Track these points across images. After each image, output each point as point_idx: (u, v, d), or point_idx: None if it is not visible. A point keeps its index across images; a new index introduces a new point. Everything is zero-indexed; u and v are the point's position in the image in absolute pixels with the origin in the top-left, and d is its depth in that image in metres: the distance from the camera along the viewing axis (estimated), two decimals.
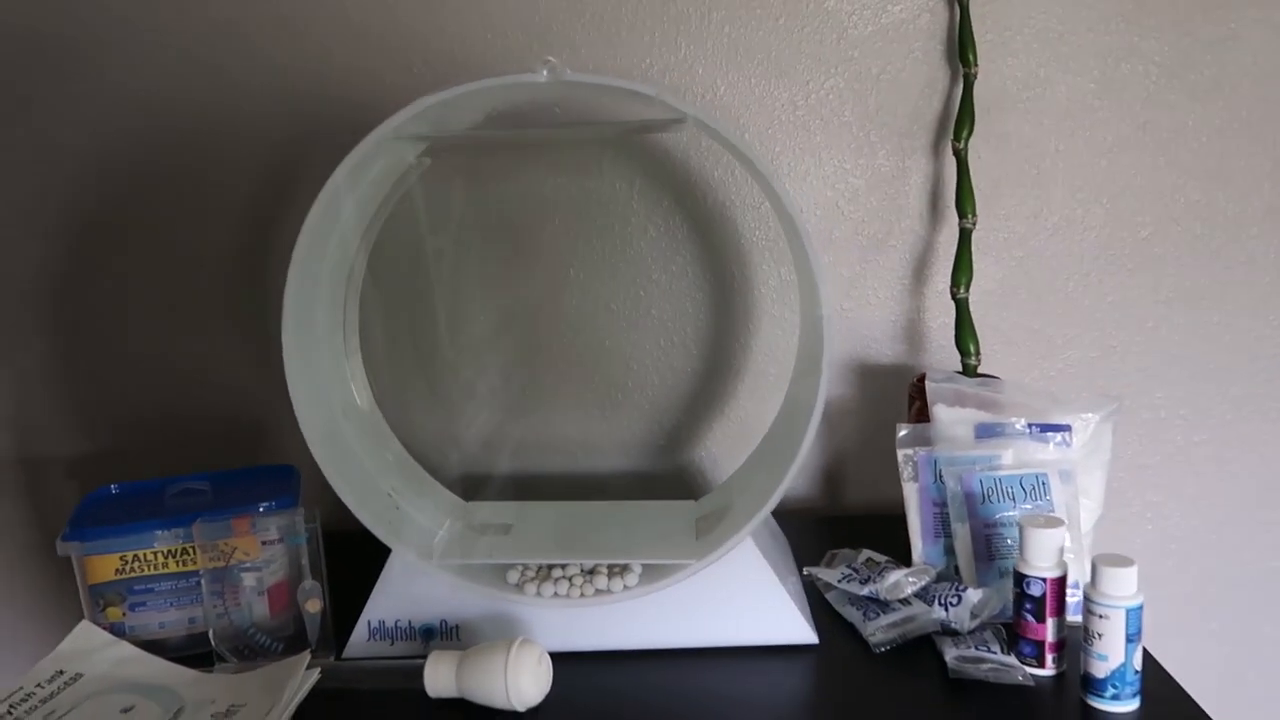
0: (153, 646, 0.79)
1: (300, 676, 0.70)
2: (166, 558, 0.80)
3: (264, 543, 0.78)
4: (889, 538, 0.93)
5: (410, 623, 0.77)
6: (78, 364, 1.04)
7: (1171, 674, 0.71)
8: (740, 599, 0.75)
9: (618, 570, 0.77)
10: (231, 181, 1.00)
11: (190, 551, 0.80)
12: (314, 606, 0.78)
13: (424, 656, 0.71)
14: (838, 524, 1.00)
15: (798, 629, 0.76)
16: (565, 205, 0.99)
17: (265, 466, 0.91)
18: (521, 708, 0.68)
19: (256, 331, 1.03)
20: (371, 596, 0.77)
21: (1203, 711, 0.65)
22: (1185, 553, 1.07)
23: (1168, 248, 1.01)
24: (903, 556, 0.85)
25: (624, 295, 1.02)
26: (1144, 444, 1.05)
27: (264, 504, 0.81)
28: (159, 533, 0.79)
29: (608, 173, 0.99)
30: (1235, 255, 1.01)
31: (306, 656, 0.73)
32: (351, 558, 0.79)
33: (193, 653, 0.80)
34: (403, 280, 1.00)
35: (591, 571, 0.77)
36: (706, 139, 0.98)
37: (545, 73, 0.68)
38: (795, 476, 0.74)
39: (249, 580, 0.79)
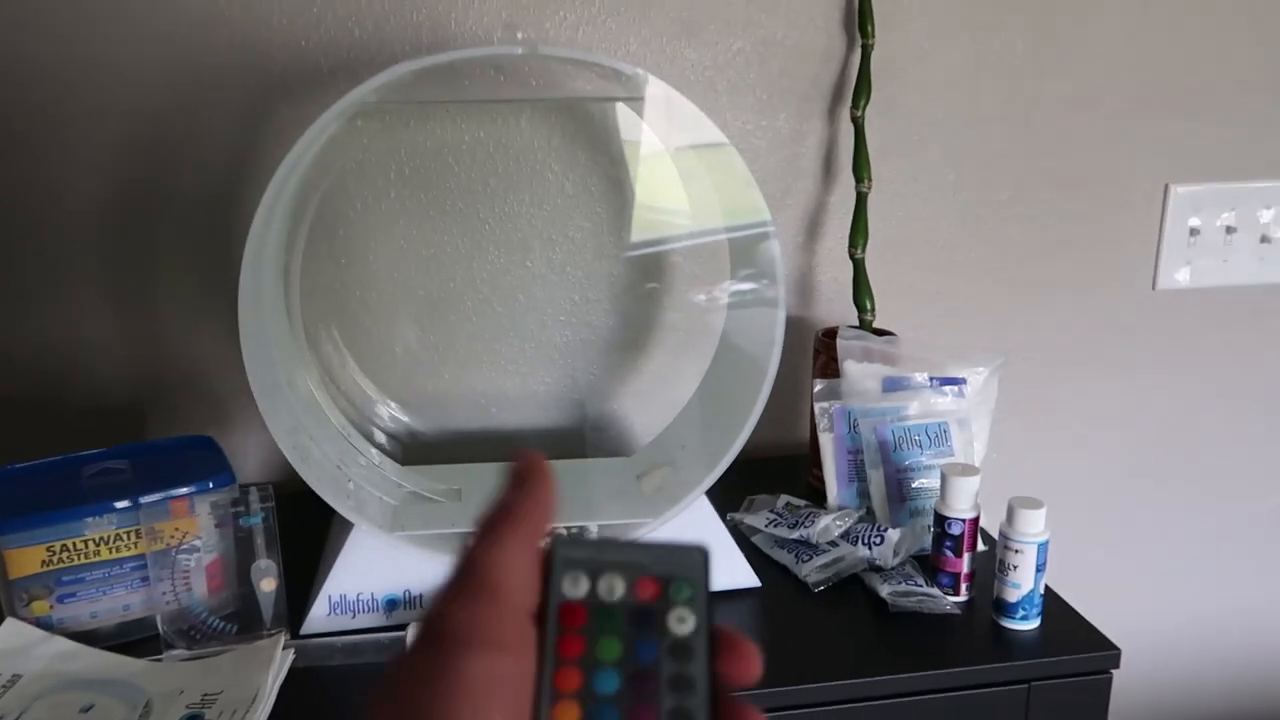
0: (84, 638, 0.76)
1: (279, 657, 0.70)
2: (98, 545, 0.76)
3: (214, 524, 0.76)
4: (792, 477, 1.01)
5: (373, 595, 0.77)
6: None
7: (1055, 590, 0.83)
8: None
9: (574, 531, 0.80)
10: (109, 142, 0.92)
11: (124, 537, 0.76)
12: (269, 585, 0.76)
13: (387, 629, 0.72)
14: (743, 466, 1.07)
15: (743, 574, 0.82)
16: (482, 160, 0.98)
17: (181, 438, 0.87)
18: None
19: (140, 304, 0.96)
20: (332, 571, 0.77)
21: (1088, 622, 0.78)
22: (1033, 476, 1.22)
23: (1025, 208, 1.13)
24: (813, 497, 0.93)
25: (539, 251, 1.02)
26: (1004, 386, 1.18)
27: (200, 481, 0.78)
28: (89, 520, 0.75)
29: (525, 129, 0.98)
30: (1082, 214, 1.14)
31: (281, 637, 0.72)
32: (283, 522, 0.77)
33: (125, 641, 0.77)
34: (321, 239, 0.96)
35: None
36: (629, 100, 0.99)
37: (521, 49, 0.67)
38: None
39: (190, 562, 0.76)
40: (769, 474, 1.02)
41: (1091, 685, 0.74)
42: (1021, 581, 0.76)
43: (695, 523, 0.81)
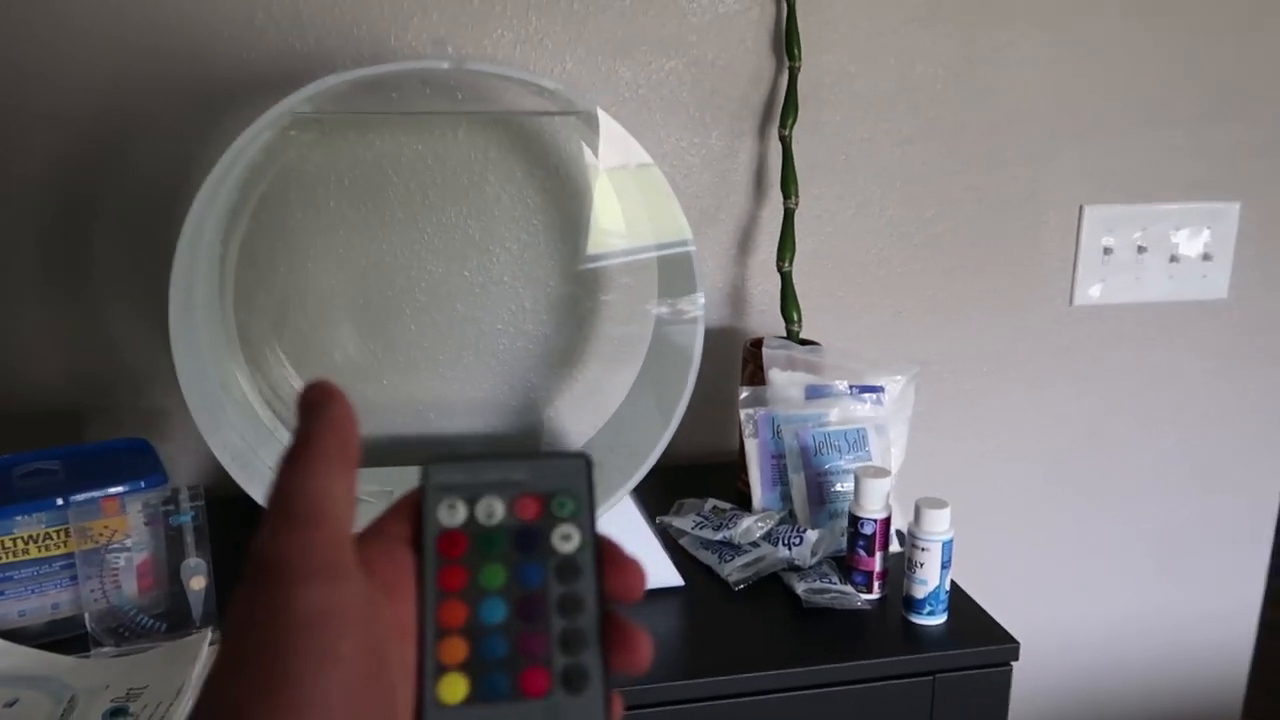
0: (12, 635, 0.76)
1: (205, 653, 0.71)
2: (27, 543, 0.76)
3: (144, 523, 0.77)
4: (722, 483, 1.04)
5: None
6: None
7: (964, 589, 0.87)
8: None
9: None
10: (48, 147, 0.93)
11: (54, 535, 0.77)
12: (198, 584, 0.78)
13: None
14: (676, 472, 1.11)
15: (667, 573, 0.85)
16: (421, 172, 1.01)
17: (116, 441, 0.88)
18: None
19: (81, 309, 0.97)
20: None
21: (990, 618, 0.82)
22: (955, 483, 1.27)
23: (948, 226, 1.18)
24: (740, 501, 0.97)
25: (476, 261, 1.05)
26: (923, 392, 1.23)
27: (133, 481, 0.79)
28: (19, 518, 0.76)
29: (463, 142, 1.01)
30: (1002, 232, 1.19)
31: (207, 635, 0.74)
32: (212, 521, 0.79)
33: (54, 639, 0.78)
34: (260, 246, 0.98)
35: None
36: (560, 115, 1.02)
37: (447, 64, 0.70)
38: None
39: (120, 561, 0.77)
40: (700, 479, 1.06)
41: (993, 678, 0.78)
42: (928, 578, 0.79)
43: (620, 526, 0.84)
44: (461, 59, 0.70)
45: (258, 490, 0.75)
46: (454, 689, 0.30)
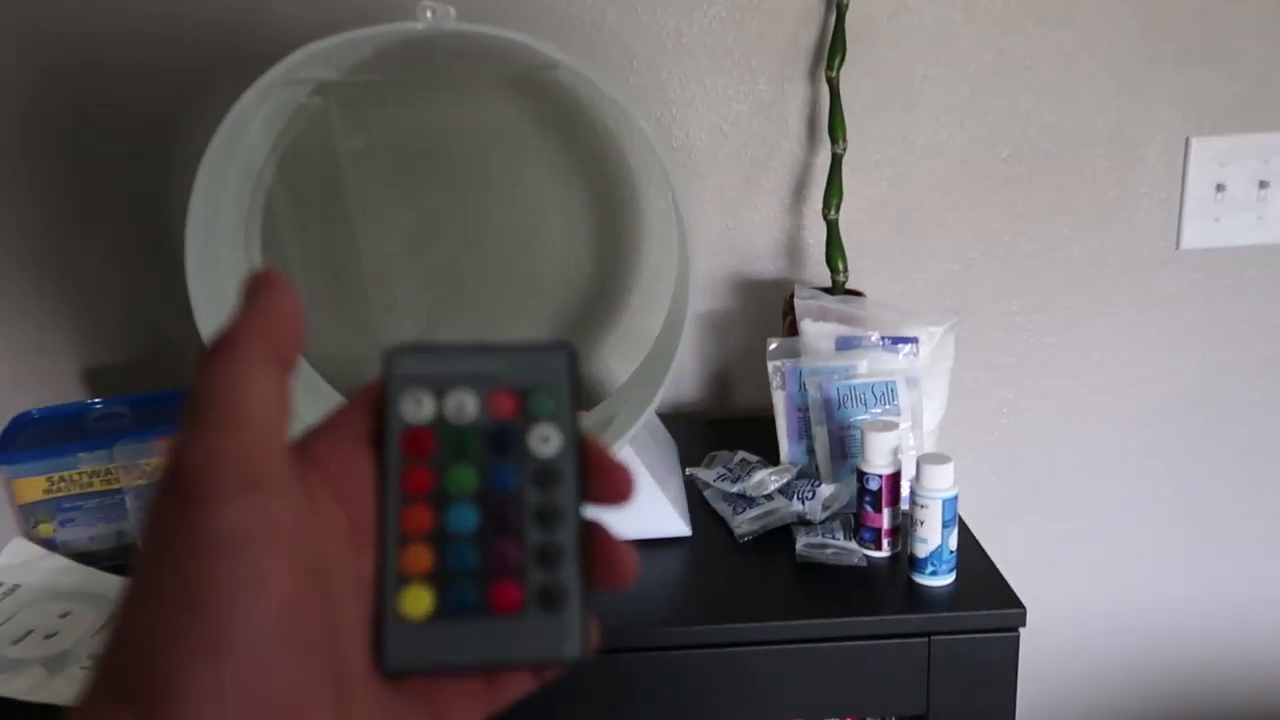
0: (85, 558, 0.86)
1: None
2: (91, 477, 0.86)
3: None
4: (765, 439, 1.02)
5: None
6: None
7: (988, 550, 0.82)
8: None
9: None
10: (124, 113, 1.03)
11: (114, 471, 0.86)
12: None
13: None
14: (723, 425, 1.10)
15: (673, 524, 0.85)
16: (463, 134, 1.04)
17: (187, 389, 0.97)
18: None
19: (167, 255, 1.07)
20: None
21: (1004, 580, 0.77)
22: (1036, 442, 1.19)
23: (1024, 167, 1.10)
24: (773, 456, 0.95)
25: (520, 218, 1.07)
26: (1001, 346, 1.16)
27: None
28: (82, 455, 0.85)
29: (501, 104, 1.03)
30: (1082, 173, 1.10)
31: None
32: None
33: (122, 562, 0.87)
34: (305, 208, 1.04)
35: None
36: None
37: (422, 26, 0.72)
38: (673, 388, 0.82)
39: None
40: (743, 433, 1.04)
41: (995, 644, 0.73)
42: (928, 536, 0.75)
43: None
44: (442, 18, 0.71)
45: None
46: (418, 602, 0.27)
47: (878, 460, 0.79)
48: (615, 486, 0.29)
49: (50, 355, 1.09)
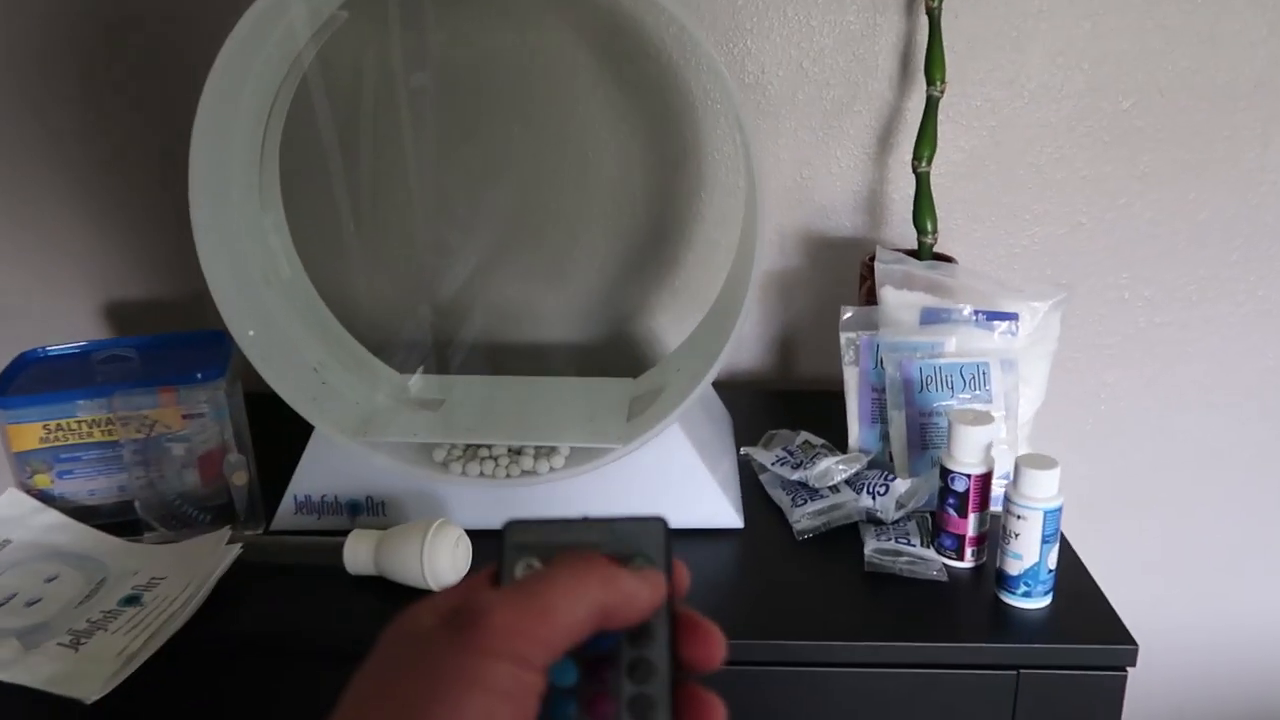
0: (84, 513, 0.80)
1: (219, 554, 0.70)
2: (91, 427, 0.79)
3: (187, 415, 0.77)
4: (832, 417, 0.91)
5: (336, 498, 0.76)
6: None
7: (1087, 565, 0.71)
8: (667, 483, 0.75)
9: (545, 451, 0.76)
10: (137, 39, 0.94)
11: (113, 421, 0.79)
12: (240, 479, 0.77)
13: (348, 532, 0.71)
14: (786, 398, 0.99)
15: (724, 513, 0.75)
16: (507, 60, 0.93)
17: (195, 333, 0.89)
18: (437, 587, 0.68)
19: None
20: (297, 471, 0.77)
21: (1110, 608, 0.66)
22: (1135, 432, 1.06)
23: (1149, 119, 0.95)
24: (840, 439, 0.84)
25: (570, 158, 0.97)
26: (1105, 324, 1.02)
27: (192, 373, 0.79)
28: (80, 402, 0.78)
29: (552, 26, 0.92)
30: (1219, 129, 0.95)
31: (226, 533, 0.73)
32: (285, 424, 0.77)
33: (126, 519, 0.80)
34: (329, 140, 0.94)
35: (518, 451, 0.76)
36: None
37: None
38: (733, 356, 0.72)
39: (177, 450, 0.78)
40: (814, 409, 0.93)
41: (1095, 683, 0.63)
42: (1023, 553, 0.64)
43: (671, 455, 0.74)
44: None
45: (276, 379, 0.72)
46: None
47: (966, 457, 0.68)
48: (708, 648, 0.31)
49: (69, 290, 1.02)
